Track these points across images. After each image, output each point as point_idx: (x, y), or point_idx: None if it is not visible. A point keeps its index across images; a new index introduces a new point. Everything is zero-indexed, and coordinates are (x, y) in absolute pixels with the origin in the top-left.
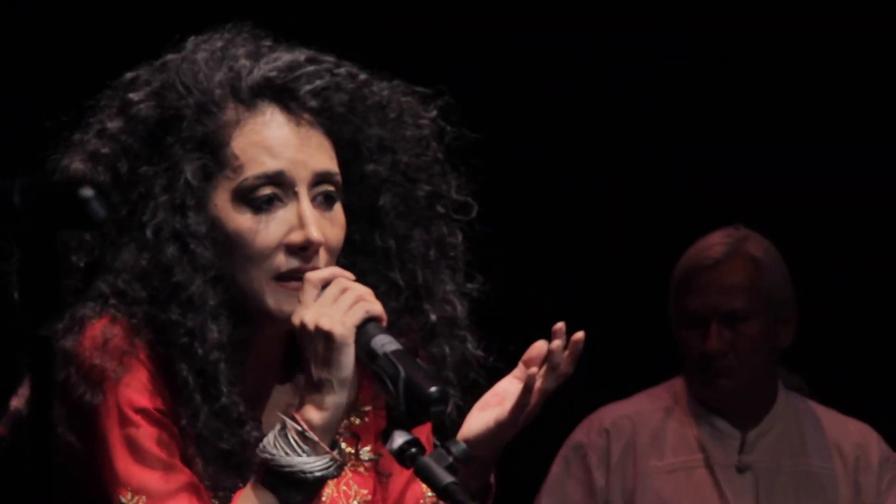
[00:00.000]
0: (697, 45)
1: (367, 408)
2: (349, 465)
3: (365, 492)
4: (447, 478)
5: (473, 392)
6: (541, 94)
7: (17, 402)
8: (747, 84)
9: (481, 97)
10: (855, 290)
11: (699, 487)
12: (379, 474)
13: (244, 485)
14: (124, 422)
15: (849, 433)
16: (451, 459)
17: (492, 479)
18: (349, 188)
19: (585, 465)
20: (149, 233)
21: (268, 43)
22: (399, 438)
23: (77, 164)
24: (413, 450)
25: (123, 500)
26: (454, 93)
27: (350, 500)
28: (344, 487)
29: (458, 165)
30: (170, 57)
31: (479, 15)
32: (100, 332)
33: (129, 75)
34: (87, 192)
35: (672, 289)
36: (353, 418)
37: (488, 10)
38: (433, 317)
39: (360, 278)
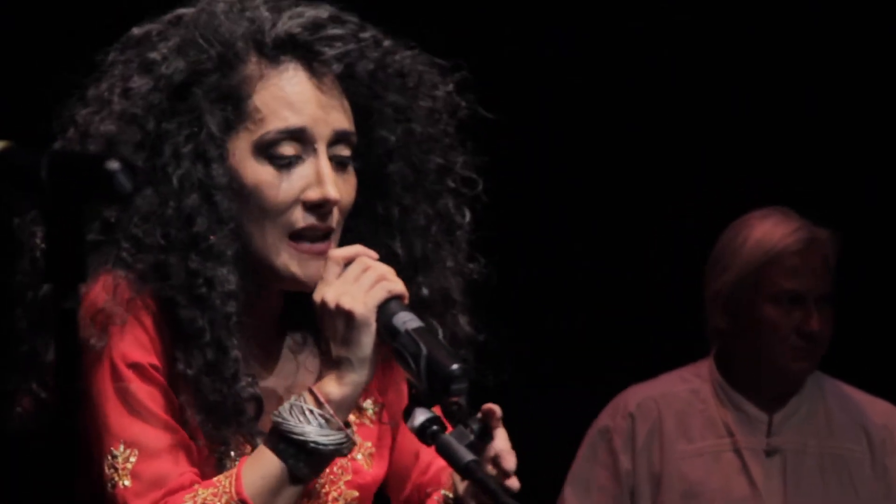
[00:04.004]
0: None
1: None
2: (354, 416)
3: (369, 444)
4: (468, 455)
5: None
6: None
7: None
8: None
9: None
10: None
11: (727, 471)
12: (383, 424)
13: (241, 439)
14: (117, 376)
15: (874, 414)
16: (472, 437)
17: None
18: (358, 153)
19: (611, 449)
20: (174, 182)
21: None
22: (420, 416)
23: (108, 126)
24: (434, 427)
25: (115, 451)
26: (472, 68)
27: (355, 453)
28: None
29: (465, 141)
30: (184, 11)
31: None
32: (111, 278)
33: (138, 31)
34: (114, 164)
35: (749, 268)
36: None
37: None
38: (425, 290)
39: (359, 243)
